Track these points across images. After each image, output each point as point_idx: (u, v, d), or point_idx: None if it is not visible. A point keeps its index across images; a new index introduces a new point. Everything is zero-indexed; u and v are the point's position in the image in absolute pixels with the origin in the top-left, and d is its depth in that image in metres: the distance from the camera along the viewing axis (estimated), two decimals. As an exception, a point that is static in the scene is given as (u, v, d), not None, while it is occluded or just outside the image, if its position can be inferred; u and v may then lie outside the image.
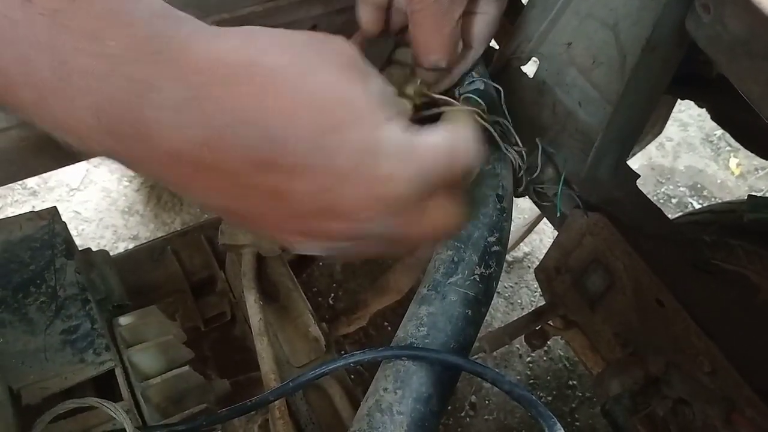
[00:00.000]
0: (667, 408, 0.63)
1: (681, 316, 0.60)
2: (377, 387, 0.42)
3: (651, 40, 0.53)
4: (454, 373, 0.44)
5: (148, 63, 0.28)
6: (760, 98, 0.40)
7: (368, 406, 0.41)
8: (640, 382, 0.63)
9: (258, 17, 0.81)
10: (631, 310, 0.66)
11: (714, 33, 0.41)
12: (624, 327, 0.68)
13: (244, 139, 0.29)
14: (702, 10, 0.41)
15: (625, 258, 0.64)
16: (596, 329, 0.73)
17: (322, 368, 0.42)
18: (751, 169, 2.00)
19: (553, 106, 0.64)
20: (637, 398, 0.63)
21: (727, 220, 0.93)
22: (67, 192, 1.67)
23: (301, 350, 0.69)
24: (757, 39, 0.37)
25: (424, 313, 0.45)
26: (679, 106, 1.43)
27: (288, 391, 0.43)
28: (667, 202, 1.91)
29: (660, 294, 0.61)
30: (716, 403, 0.58)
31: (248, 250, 0.72)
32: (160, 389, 0.61)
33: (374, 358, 0.42)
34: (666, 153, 2.03)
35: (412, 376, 0.41)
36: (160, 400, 0.61)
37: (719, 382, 0.58)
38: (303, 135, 0.29)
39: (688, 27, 0.44)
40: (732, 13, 0.39)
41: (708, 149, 2.05)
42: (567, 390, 1.47)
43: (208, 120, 0.28)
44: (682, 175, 1.99)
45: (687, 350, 0.60)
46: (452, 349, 0.43)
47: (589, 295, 0.71)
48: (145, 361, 0.63)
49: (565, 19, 0.59)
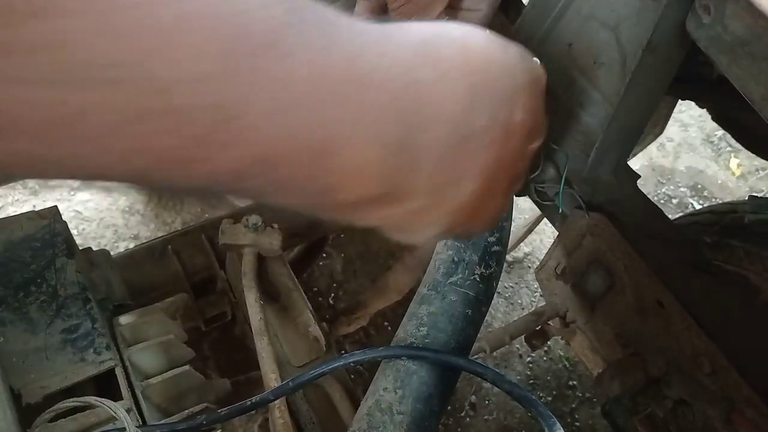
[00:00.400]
0: (668, 408, 0.63)
1: (681, 316, 0.59)
2: (377, 387, 0.42)
3: (652, 40, 0.53)
4: (454, 373, 0.44)
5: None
6: (762, 99, 0.40)
7: (368, 405, 0.41)
8: (640, 382, 0.63)
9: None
10: (632, 311, 0.66)
11: (714, 34, 0.41)
12: (624, 327, 0.68)
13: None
14: (702, 11, 0.41)
15: (626, 259, 0.64)
16: (597, 330, 0.73)
17: (322, 368, 0.42)
18: (752, 169, 1.99)
19: (555, 107, 0.63)
20: (638, 399, 0.63)
21: (727, 220, 0.93)
22: (67, 191, 1.67)
23: (302, 350, 0.69)
24: (758, 40, 0.37)
25: (424, 313, 0.45)
26: (680, 106, 1.43)
27: (288, 391, 0.43)
28: (668, 203, 1.91)
29: (660, 295, 0.61)
30: (716, 403, 0.58)
31: (249, 249, 0.72)
32: (161, 388, 0.61)
33: (374, 358, 0.42)
34: (667, 153, 2.03)
35: (413, 376, 0.41)
36: (161, 400, 0.61)
37: (719, 383, 0.58)
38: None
39: (689, 28, 0.44)
40: (732, 14, 0.39)
41: (709, 150, 2.05)
42: (567, 390, 1.47)
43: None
44: (682, 175, 1.98)
45: (687, 351, 0.60)
46: (452, 348, 0.43)
47: (590, 295, 0.71)
48: (145, 361, 0.63)
49: (566, 19, 0.59)
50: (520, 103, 0.34)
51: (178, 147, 0.24)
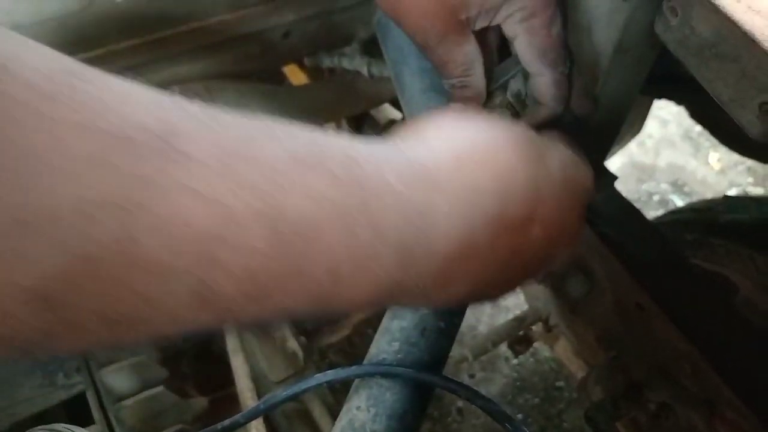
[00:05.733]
0: (650, 412, 0.63)
1: (661, 319, 0.59)
2: (350, 406, 0.41)
3: (623, 42, 0.52)
4: (429, 388, 0.43)
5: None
6: (730, 100, 0.39)
7: (342, 425, 0.40)
8: (622, 386, 0.63)
9: (229, 26, 0.80)
10: (612, 314, 0.65)
11: (682, 36, 0.40)
12: (606, 331, 0.68)
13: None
14: (670, 13, 0.41)
15: (604, 261, 0.63)
16: (578, 333, 0.72)
17: (294, 389, 0.41)
18: (731, 164, 2.01)
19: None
20: (620, 403, 0.62)
21: (707, 218, 0.93)
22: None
23: (279, 365, 0.68)
24: (725, 41, 0.37)
25: (396, 328, 0.44)
26: (659, 103, 1.43)
27: (259, 414, 0.42)
28: (649, 200, 1.92)
29: (639, 297, 0.61)
30: (698, 405, 0.58)
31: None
32: (134, 410, 0.59)
33: (347, 377, 0.41)
34: (647, 150, 2.04)
35: (386, 393, 0.40)
36: (134, 422, 0.60)
37: (700, 385, 0.58)
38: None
39: (657, 30, 0.44)
40: (699, 16, 0.38)
41: (688, 146, 2.06)
42: (555, 392, 1.47)
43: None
44: (663, 171, 2.00)
45: (668, 353, 0.60)
46: (426, 363, 0.42)
47: (570, 299, 0.70)
48: (118, 382, 0.61)
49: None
50: (537, 220, 0.36)
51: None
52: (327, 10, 0.84)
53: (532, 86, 0.53)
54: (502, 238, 0.33)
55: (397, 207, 0.29)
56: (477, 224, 0.32)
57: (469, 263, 0.33)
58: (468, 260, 0.32)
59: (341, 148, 0.28)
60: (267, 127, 0.26)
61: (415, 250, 0.29)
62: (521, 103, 0.54)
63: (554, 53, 0.50)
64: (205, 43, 0.76)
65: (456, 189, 0.31)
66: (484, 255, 0.33)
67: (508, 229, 0.34)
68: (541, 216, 0.35)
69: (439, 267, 0.31)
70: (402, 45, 0.60)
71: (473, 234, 0.32)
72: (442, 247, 0.31)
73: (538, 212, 0.35)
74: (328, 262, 0.26)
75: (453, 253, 0.31)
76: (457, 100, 0.50)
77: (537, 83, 0.52)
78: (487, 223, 0.32)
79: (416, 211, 0.29)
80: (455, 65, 0.47)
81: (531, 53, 0.50)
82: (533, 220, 0.35)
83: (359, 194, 0.27)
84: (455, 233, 0.31)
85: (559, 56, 0.51)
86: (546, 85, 0.51)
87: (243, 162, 0.24)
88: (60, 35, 0.65)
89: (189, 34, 0.74)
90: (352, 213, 0.27)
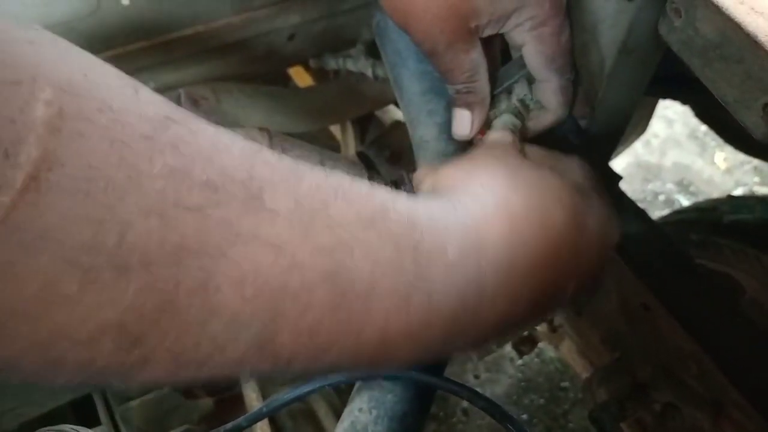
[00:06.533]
0: (656, 412, 0.63)
1: (666, 319, 0.59)
2: (352, 408, 0.41)
3: (627, 43, 0.52)
4: (431, 389, 0.43)
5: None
6: (734, 101, 0.39)
7: (344, 427, 0.40)
8: (627, 387, 0.63)
9: (234, 28, 0.80)
10: (618, 315, 0.65)
11: (686, 37, 0.41)
12: (611, 331, 0.68)
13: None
14: (673, 14, 0.41)
15: (609, 262, 0.63)
16: (584, 334, 0.72)
17: (298, 391, 0.41)
18: (737, 163, 2.00)
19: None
20: (625, 404, 0.62)
21: (712, 218, 0.93)
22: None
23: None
24: (729, 43, 0.37)
25: (400, 330, 0.44)
26: (664, 102, 1.43)
27: (261, 417, 0.42)
28: (655, 200, 1.92)
29: (645, 298, 0.61)
30: (704, 406, 0.58)
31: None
32: (141, 411, 0.60)
33: (350, 379, 0.41)
34: (652, 150, 2.03)
35: (387, 395, 0.41)
36: (141, 423, 0.60)
37: (706, 385, 0.58)
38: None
39: (661, 31, 0.44)
40: (703, 18, 0.38)
41: (694, 145, 2.05)
42: (560, 392, 1.46)
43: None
44: (669, 171, 1.99)
45: (674, 354, 0.59)
46: (428, 365, 0.42)
47: (576, 299, 0.70)
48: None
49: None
50: (574, 281, 0.38)
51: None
52: (332, 12, 0.84)
53: (538, 92, 0.53)
54: (541, 302, 0.36)
55: (451, 277, 0.30)
56: (522, 296, 0.34)
57: (508, 329, 0.36)
58: (508, 326, 0.35)
59: (404, 211, 0.29)
60: (339, 184, 0.27)
61: (462, 319, 0.31)
62: (525, 108, 0.54)
63: (562, 60, 0.50)
64: (211, 45, 0.77)
65: (505, 259, 0.32)
66: (522, 316, 0.35)
67: (547, 293, 0.36)
68: (578, 277, 0.38)
69: (481, 334, 0.33)
70: (400, 48, 0.61)
71: (517, 304, 0.34)
72: (488, 317, 0.32)
73: (575, 275, 0.38)
74: (383, 324, 0.27)
75: (497, 323, 0.33)
76: (462, 106, 0.50)
77: (544, 89, 0.52)
78: (532, 291, 0.34)
79: (467, 280, 0.30)
80: (461, 71, 0.47)
81: (540, 61, 0.50)
82: (571, 282, 0.37)
83: (418, 260, 0.28)
84: (501, 304, 0.33)
85: (566, 63, 0.51)
86: (553, 91, 0.52)
87: (319, 222, 0.25)
88: (68, 39, 0.65)
89: (195, 37, 0.75)
90: (409, 279, 0.28)
